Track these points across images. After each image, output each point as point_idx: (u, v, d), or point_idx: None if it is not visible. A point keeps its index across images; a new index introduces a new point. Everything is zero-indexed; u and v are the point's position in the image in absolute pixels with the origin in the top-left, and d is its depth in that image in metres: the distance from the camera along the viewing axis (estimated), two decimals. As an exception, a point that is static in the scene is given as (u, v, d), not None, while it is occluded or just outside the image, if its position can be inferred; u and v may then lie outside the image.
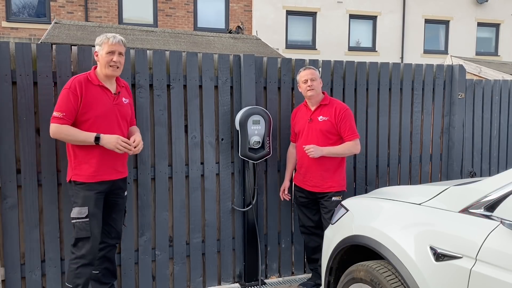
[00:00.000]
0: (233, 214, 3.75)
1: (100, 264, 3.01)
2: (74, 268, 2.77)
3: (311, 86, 3.37)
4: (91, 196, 2.76)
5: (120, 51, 2.82)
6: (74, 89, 2.70)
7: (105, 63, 2.78)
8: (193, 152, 3.56)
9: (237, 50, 5.98)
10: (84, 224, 2.73)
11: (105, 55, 2.78)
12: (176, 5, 13.77)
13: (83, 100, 2.72)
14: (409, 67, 4.28)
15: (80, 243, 2.76)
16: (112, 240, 3.03)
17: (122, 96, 2.93)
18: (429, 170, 4.45)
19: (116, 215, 3.01)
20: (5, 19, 12.32)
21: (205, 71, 3.56)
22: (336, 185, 3.43)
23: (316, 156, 3.29)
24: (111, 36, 2.81)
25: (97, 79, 2.81)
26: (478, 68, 7.20)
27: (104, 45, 2.78)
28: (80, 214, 2.74)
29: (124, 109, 2.92)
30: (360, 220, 2.49)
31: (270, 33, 14.20)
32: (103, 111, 2.78)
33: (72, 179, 2.79)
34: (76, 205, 2.77)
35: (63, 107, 2.68)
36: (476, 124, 4.70)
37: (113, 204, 2.97)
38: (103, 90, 2.82)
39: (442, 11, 16.58)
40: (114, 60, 2.78)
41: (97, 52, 2.82)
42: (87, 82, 2.77)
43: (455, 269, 1.82)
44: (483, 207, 1.90)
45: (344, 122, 3.38)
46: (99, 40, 2.82)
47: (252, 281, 3.76)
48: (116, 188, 2.94)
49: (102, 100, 2.79)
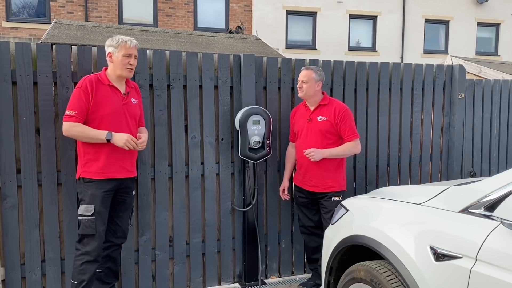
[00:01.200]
0: (233, 214, 3.75)
1: (103, 263, 3.02)
2: (79, 264, 2.81)
3: (301, 87, 3.42)
4: (98, 195, 2.82)
5: (135, 54, 2.94)
6: (85, 88, 2.79)
7: (122, 65, 2.87)
8: (193, 152, 3.56)
9: (237, 50, 5.98)
10: (90, 222, 2.80)
11: (121, 58, 2.86)
12: (176, 5, 13.77)
13: (94, 99, 2.80)
14: (409, 67, 4.28)
15: (86, 240, 2.82)
16: (118, 239, 3.06)
17: (131, 97, 3.00)
18: (429, 170, 4.45)
19: (123, 213, 3.04)
20: (5, 19, 12.32)
21: (205, 71, 3.56)
22: (336, 185, 3.43)
23: (317, 159, 3.30)
24: (128, 39, 2.90)
25: (107, 79, 2.89)
26: (478, 68, 7.20)
27: (121, 48, 2.86)
28: (87, 211, 2.80)
29: (132, 109, 2.98)
30: (360, 220, 2.49)
31: (270, 33, 14.20)
32: (112, 110, 2.85)
33: (82, 176, 2.85)
34: (83, 202, 2.83)
35: (76, 106, 2.77)
36: (476, 124, 4.70)
37: (121, 202, 3.01)
38: (112, 90, 2.89)
39: (442, 11, 16.58)
40: (131, 63, 2.90)
41: (111, 53, 2.89)
42: (98, 81, 2.85)
43: (455, 269, 1.82)
44: (483, 207, 1.90)
45: (344, 123, 3.38)
46: (115, 42, 2.88)
47: (252, 281, 3.76)
48: (124, 187, 2.98)
49: (112, 99, 2.87)
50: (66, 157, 3.14)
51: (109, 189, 2.86)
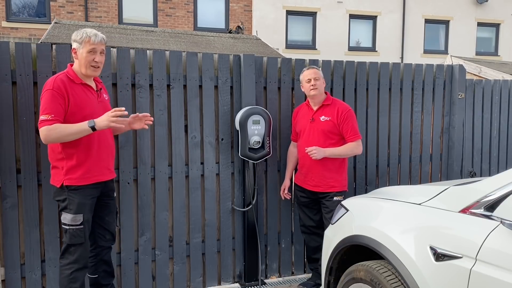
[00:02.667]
0: (233, 214, 3.75)
1: (98, 268, 2.98)
2: (68, 273, 2.70)
3: (314, 85, 3.37)
4: (86, 203, 2.69)
5: (102, 49, 2.70)
6: (58, 89, 2.56)
7: (87, 62, 2.65)
8: (193, 152, 3.56)
9: (237, 50, 5.98)
10: (79, 231, 2.67)
11: (86, 54, 2.64)
12: (176, 5, 13.77)
13: (71, 101, 2.60)
14: (409, 67, 4.28)
15: (72, 249, 2.70)
16: (107, 242, 2.98)
17: (103, 93, 2.88)
18: (429, 170, 4.45)
19: (109, 217, 2.95)
20: (5, 19, 12.32)
21: (205, 71, 3.56)
22: (338, 185, 3.43)
23: (318, 157, 3.29)
24: (92, 34, 2.65)
25: (77, 77, 2.68)
26: (478, 68, 7.19)
27: (85, 44, 2.64)
28: (75, 221, 2.66)
29: (107, 106, 2.86)
30: (360, 220, 2.49)
31: (270, 33, 14.20)
32: (91, 110, 2.67)
33: (65, 183, 2.65)
34: (68, 211, 2.66)
35: (51, 108, 2.53)
36: (476, 124, 4.70)
37: (105, 206, 2.91)
38: (86, 88, 2.71)
39: (442, 11, 16.58)
40: (96, 60, 2.67)
41: (76, 49, 2.67)
42: (69, 80, 2.64)
43: (455, 269, 1.82)
44: (483, 207, 1.90)
45: (347, 123, 3.38)
46: (78, 37, 2.65)
47: (252, 281, 3.76)
48: (108, 190, 2.89)
49: (88, 99, 2.70)
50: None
51: (95, 195, 2.76)
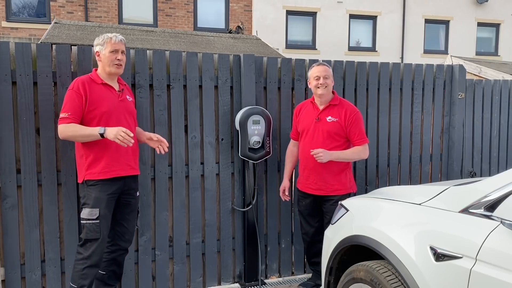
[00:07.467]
0: (233, 214, 3.75)
1: (108, 266, 3.01)
2: (81, 268, 2.77)
3: (323, 84, 3.22)
4: (103, 198, 2.77)
5: (122, 49, 2.89)
6: (77, 89, 2.75)
7: (110, 61, 2.83)
8: (193, 152, 3.56)
9: (237, 50, 5.98)
10: (95, 226, 2.75)
11: (108, 54, 2.83)
12: (176, 5, 13.77)
13: (89, 99, 2.75)
14: (409, 67, 4.28)
15: (88, 244, 2.77)
16: (126, 243, 3.03)
17: (126, 94, 2.98)
18: (429, 170, 4.45)
19: (130, 216, 3.01)
20: (5, 19, 12.32)
21: (205, 71, 3.56)
22: (341, 188, 3.30)
23: (324, 161, 3.15)
24: (112, 35, 2.88)
25: (99, 78, 2.86)
26: (478, 68, 7.19)
27: (107, 45, 2.84)
28: (91, 215, 2.75)
29: (129, 106, 2.97)
30: (360, 220, 2.49)
31: (270, 33, 14.20)
32: (109, 108, 2.81)
33: (86, 178, 2.79)
34: (87, 206, 2.77)
35: (69, 107, 2.73)
36: (476, 124, 4.70)
37: (126, 205, 2.97)
38: (107, 88, 2.86)
39: (442, 11, 16.58)
40: (118, 59, 2.85)
41: (99, 51, 2.86)
42: (90, 81, 2.82)
43: (455, 269, 1.82)
44: (483, 207, 1.90)
45: (354, 126, 3.26)
46: (101, 40, 2.87)
47: (252, 281, 3.76)
48: (128, 188, 2.95)
49: (108, 97, 2.83)
50: (66, 157, 3.14)
51: (113, 192, 2.82)
